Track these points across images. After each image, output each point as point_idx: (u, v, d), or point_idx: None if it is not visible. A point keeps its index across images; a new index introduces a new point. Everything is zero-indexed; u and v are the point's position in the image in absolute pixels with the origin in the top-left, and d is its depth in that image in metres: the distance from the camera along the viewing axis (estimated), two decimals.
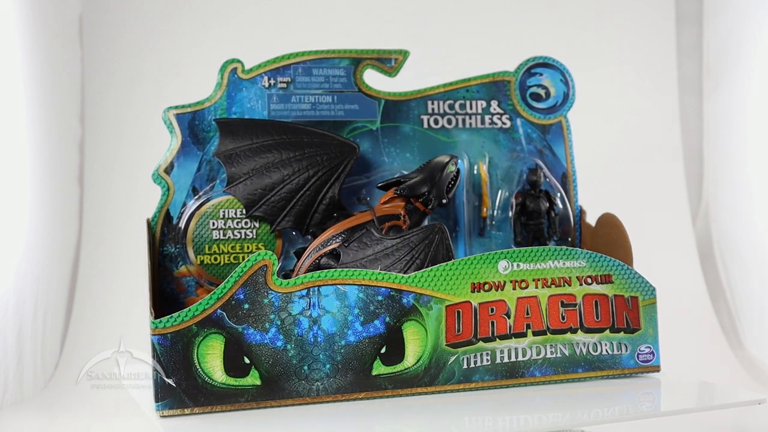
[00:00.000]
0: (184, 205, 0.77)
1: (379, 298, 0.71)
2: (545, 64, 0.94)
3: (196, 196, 0.79)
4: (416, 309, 0.72)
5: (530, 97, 0.92)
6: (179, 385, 0.67)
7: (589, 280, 0.80)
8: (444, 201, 0.80)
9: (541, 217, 0.88)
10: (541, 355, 0.76)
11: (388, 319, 0.71)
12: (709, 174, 1.29)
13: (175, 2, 1.25)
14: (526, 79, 0.93)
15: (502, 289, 0.75)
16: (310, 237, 0.80)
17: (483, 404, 0.72)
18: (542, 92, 0.93)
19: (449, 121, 0.87)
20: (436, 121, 0.86)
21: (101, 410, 0.99)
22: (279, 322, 0.68)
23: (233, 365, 0.68)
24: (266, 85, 0.81)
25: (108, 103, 1.24)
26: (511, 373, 0.75)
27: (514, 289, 0.75)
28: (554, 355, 0.77)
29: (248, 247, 0.79)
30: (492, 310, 0.74)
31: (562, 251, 0.78)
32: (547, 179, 0.90)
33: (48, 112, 1.13)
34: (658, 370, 0.81)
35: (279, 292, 0.68)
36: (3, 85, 1.01)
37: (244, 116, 0.80)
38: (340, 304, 0.70)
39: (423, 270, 0.72)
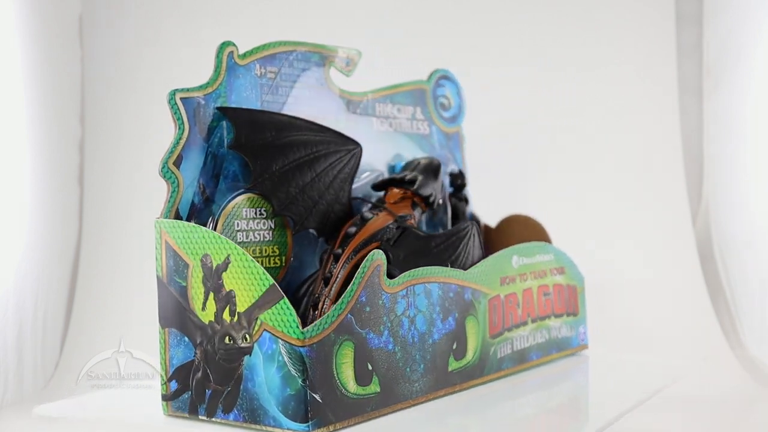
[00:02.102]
0: (193, 204, 0.70)
1: (451, 294, 0.73)
2: (446, 77, 0.95)
3: (232, 195, 0.71)
4: (473, 304, 0.75)
5: (440, 107, 0.94)
6: (324, 400, 0.61)
7: (555, 272, 0.88)
8: (441, 201, 0.80)
9: (464, 217, 0.90)
10: (536, 341, 0.83)
11: (457, 315, 0.73)
12: (709, 174, 1.29)
13: (175, 3, 1.25)
14: (436, 89, 0.94)
15: (514, 282, 0.81)
16: (322, 238, 0.75)
17: (523, 388, 0.77)
18: (446, 102, 0.95)
19: (390, 125, 0.88)
20: (381, 123, 0.87)
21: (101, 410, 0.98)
22: (390, 324, 0.67)
23: (361, 373, 0.64)
24: (258, 73, 0.76)
25: (108, 103, 1.24)
26: (521, 359, 0.82)
27: (520, 282, 0.82)
28: (542, 340, 0.84)
29: (266, 250, 0.72)
30: (510, 301, 0.80)
31: (543, 247, 0.86)
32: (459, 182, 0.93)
33: (48, 112, 1.13)
34: (587, 347, 0.93)
35: (388, 293, 0.67)
36: (3, 85, 1.01)
37: (242, 105, 0.74)
38: (428, 302, 0.70)
39: (474, 266, 0.76)
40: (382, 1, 1.29)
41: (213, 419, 0.63)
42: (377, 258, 0.65)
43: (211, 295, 0.63)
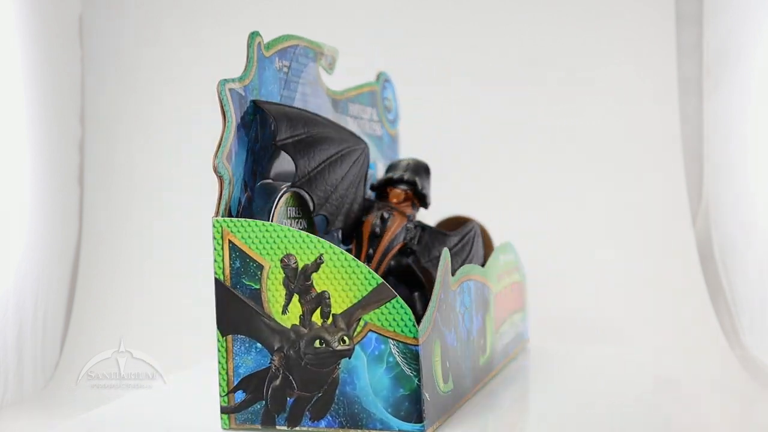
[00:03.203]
0: (239, 202, 0.65)
1: (479, 291, 0.75)
2: (387, 80, 0.95)
3: (281, 192, 0.68)
4: (488, 301, 0.77)
5: (385, 109, 0.95)
6: (431, 398, 0.61)
7: (514, 270, 0.90)
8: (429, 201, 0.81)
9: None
10: (510, 336, 0.86)
11: (482, 311, 0.75)
12: (709, 174, 1.29)
13: (175, 3, 1.25)
14: (383, 91, 0.95)
15: (502, 280, 0.83)
16: (338, 237, 0.75)
17: (526, 376, 0.81)
18: (389, 104, 0.95)
19: (358, 125, 0.88)
20: (353, 123, 0.87)
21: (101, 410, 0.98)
22: (454, 321, 0.67)
23: (444, 371, 0.64)
24: (278, 67, 0.73)
25: (108, 103, 1.24)
26: (506, 353, 0.84)
27: (503, 279, 0.84)
28: (513, 334, 0.87)
29: None
30: (502, 298, 0.83)
31: (510, 245, 0.89)
32: None
33: (48, 112, 1.13)
34: (529, 341, 0.96)
35: (452, 290, 0.67)
36: (3, 85, 1.01)
37: (268, 100, 0.71)
38: (469, 300, 0.72)
39: (487, 264, 0.78)
40: (381, 1, 1.29)
41: (297, 428, 0.60)
42: (448, 256, 0.65)
43: (296, 297, 0.60)
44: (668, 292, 1.24)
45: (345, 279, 0.60)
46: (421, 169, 0.80)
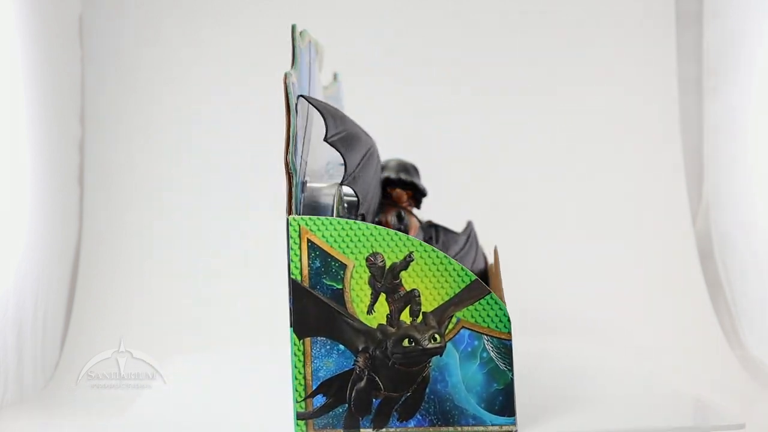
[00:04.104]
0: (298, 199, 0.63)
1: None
2: (337, 80, 0.94)
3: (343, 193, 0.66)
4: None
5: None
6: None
7: None
8: None
9: None
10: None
11: None
12: (709, 174, 1.29)
13: (175, 3, 1.25)
14: (338, 92, 0.95)
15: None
16: None
17: None
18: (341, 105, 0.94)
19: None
20: None
21: (101, 410, 0.98)
22: None
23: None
24: (308, 60, 0.72)
25: (108, 103, 1.24)
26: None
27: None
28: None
29: None
30: None
31: None
32: None
33: (48, 112, 1.13)
34: None
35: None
36: (3, 85, 1.01)
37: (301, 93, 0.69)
38: None
39: (491, 265, 0.76)
40: (380, 2, 1.29)
41: (383, 430, 0.60)
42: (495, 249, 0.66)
43: (383, 296, 0.59)
44: (668, 292, 1.24)
45: (437, 277, 0.59)
46: (413, 169, 0.81)
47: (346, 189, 0.67)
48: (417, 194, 0.80)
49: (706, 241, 1.29)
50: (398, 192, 0.78)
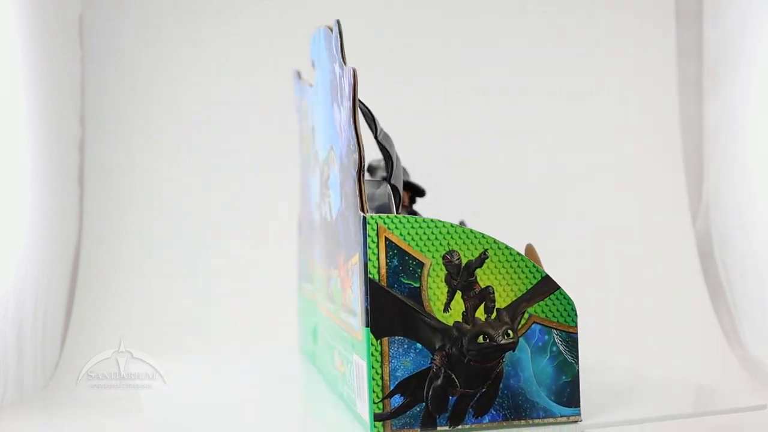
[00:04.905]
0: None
1: None
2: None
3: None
4: None
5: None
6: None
7: None
8: None
9: None
10: None
11: None
12: (709, 174, 1.29)
13: (175, 3, 1.25)
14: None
15: None
16: None
17: None
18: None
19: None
20: None
21: (101, 410, 0.99)
22: None
23: None
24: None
25: (108, 103, 1.24)
26: None
27: None
28: None
29: None
30: None
31: None
32: None
33: (48, 112, 1.13)
34: None
35: None
36: (3, 85, 1.01)
37: None
38: None
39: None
40: (379, 2, 1.29)
41: (459, 427, 0.60)
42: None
43: (459, 294, 0.59)
44: (668, 292, 1.24)
45: (509, 273, 0.60)
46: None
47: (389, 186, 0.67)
48: (414, 194, 0.80)
49: (706, 241, 1.29)
50: (403, 193, 0.79)
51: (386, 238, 0.59)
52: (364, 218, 0.59)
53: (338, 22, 0.66)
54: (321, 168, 0.77)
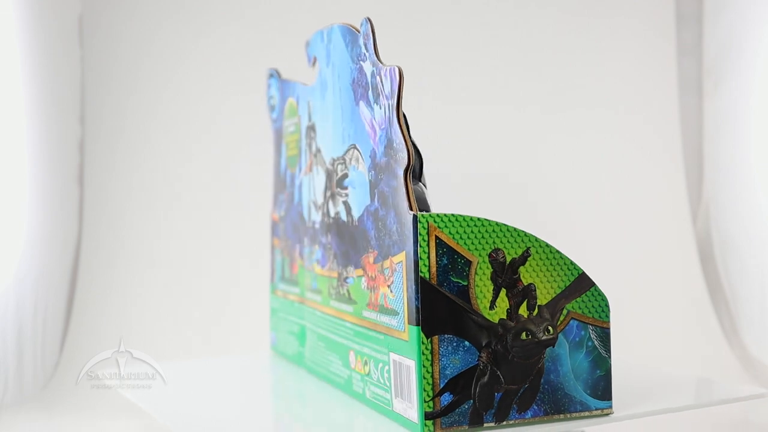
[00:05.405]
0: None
1: None
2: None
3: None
4: None
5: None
6: None
7: None
8: None
9: None
10: None
11: None
12: (709, 174, 1.29)
13: (175, 3, 1.25)
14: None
15: None
16: None
17: None
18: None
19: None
20: None
21: (101, 410, 0.99)
22: None
23: None
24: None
25: (108, 103, 1.24)
26: None
27: None
28: None
29: None
30: None
31: None
32: None
33: (48, 112, 1.13)
34: None
35: None
36: (3, 85, 1.01)
37: None
38: None
39: None
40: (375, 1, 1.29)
41: (504, 422, 0.60)
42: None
43: (503, 291, 0.60)
44: (668, 292, 1.24)
45: (549, 271, 0.61)
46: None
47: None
48: None
49: (706, 241, 1.29)
50: None
51: (436, 237, 0.59)
52: (415, 217, 0.59)
53: (369, 20, 0.66)
54: (327, 167, 0.76)
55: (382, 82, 0.63)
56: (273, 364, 0.91)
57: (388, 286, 0.63)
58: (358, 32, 0.67)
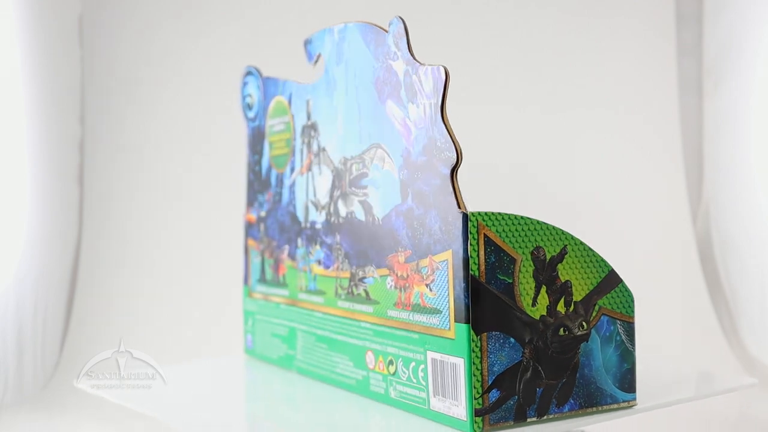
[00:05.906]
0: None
1: None
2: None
3: None
4: None
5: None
6: None
7: None
8: None
9: None
10: None
11: None
12: (709, 174, 1.29)
13: (175, 3, 1.25)
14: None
15: None
16: None
17: None
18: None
19: None
20: None
21: (101, 410, 0.99)
22: None
23: None
24: None
25: (108, 103, 1.24)
26: None
27: None
28: None
29: None
30: None
31: None
32: None
33: (48, 112, 1.13)
34: None
35: None
36: (3, 85, 1.01)
37: None
38: None
39: None
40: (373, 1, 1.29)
41: (545, 417, 0.61)
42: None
43: (544, 288, 0.61)
44: (668, 292, 1.24)
45: (584, 267, 0.63)
46: None
47: None
48: None
49: (706, 241, 1.29)
50: None
51: (485, 235, 0.60)
52: (465, 215, 0.60)
53: (401, 18, 0.67)
54: (336, 166, 0.75)
55: (420, 81, 0.63)
56: (252, 367, 0.89)
57: (427, 285, 0.63)
58: (386, 31, 0.67)
